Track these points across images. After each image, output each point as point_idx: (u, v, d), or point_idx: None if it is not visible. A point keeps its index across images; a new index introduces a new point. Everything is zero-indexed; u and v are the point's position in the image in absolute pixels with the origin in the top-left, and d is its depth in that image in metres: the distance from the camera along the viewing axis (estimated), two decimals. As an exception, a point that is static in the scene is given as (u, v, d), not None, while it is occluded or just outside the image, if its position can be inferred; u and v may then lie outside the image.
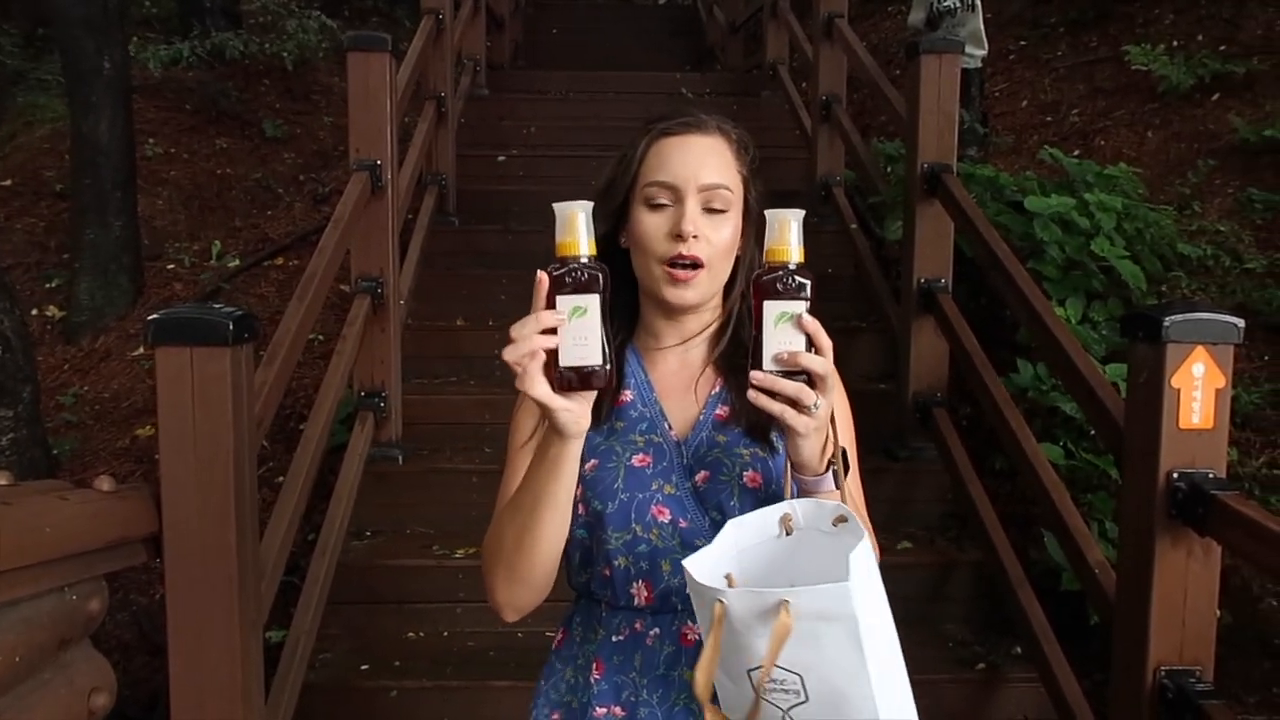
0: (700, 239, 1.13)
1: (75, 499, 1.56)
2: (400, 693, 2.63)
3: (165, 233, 5.49)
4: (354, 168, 3.25)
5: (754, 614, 0.93)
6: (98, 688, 1.55)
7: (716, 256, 1.15)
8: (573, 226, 1.00)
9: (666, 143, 1.17)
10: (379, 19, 8.41)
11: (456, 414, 3.58)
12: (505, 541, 1.11)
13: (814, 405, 1.02)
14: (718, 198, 1.15)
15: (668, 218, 1.15)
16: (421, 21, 4.44)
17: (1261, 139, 4.31)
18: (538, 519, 1.08)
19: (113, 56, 4.90)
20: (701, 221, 1.14)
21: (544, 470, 1.05)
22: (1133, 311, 1.92)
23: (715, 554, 1.03)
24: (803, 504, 1.05)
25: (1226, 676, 2.48)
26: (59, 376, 4.60)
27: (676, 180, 1.14)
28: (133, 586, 3.32)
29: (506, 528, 1.11)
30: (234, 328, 1.73)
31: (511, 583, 1.12)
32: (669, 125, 1.18)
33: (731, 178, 1.16)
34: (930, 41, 3.34)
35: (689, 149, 1.16)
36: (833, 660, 0.92)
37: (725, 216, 1.16)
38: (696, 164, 1.15)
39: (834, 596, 0.90)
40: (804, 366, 1.01)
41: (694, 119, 1.18)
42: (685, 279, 1.14)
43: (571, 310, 0.98)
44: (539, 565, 1.11)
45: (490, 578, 1.14)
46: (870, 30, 7.07)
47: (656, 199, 1.16)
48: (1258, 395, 3.28)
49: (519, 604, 1.14)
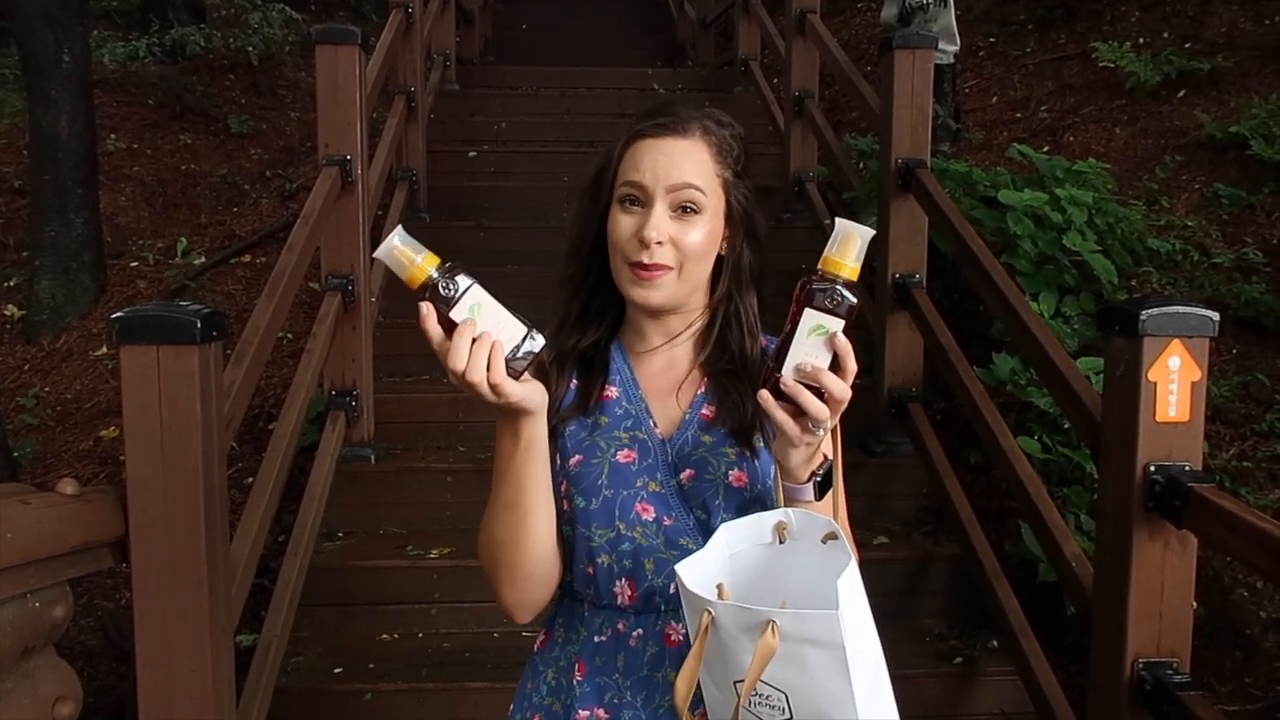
0: (665, 244, 1.12)
1: (38, 503, 1.51)
2: (375, 695, 2.60)
3: (128, 230, 5.39)
4: (323, 163, 3.20)
5: (741, 628, 0.92)
6: (63, 697, 1.50)
7: (687, 259, 1.14)
8: (405, 256, 1.01)
9: (642, 144, 1.15)
10: (345, 13, 8.31)
11: (429, 413, 3.53)
12: (501, 541, 1.12)
13: (820, 428, 1.00)
14: (687, 198, 1.13)
15: (636, 220, 1.14)
16: (390, 15, 4.39)
17: (1227, 135, 4.37)
18: (526, 507, 1.09)
19: (73, 50, 4.79)
20: (669, 225, 1.13)
21: (520, 455, 1.07)
22: (1109, 306, 1.94)
23: (707, 560, 1.01)
24: (797, 514, 1.04)
25: (1199, 666, 2.51)
26: (19, 377, 4.50)
27: (646, 180, 1.13)
28: (98, 591, 3.25)
29: (498, 528, 1.11)
30: (202, 326, 1.69)
31: (517, 580, 1.13)
32: (645, 126, 1.16)
33: (705, 179, 1.14)
34: (904, 37, 3.34)
35: (661, 151, 1.14)
36: (818, 683, 0.91)
37: (697, 219, 1.14)
38: (667, 165, 1.13)
39: (822, 624, 0.90)
40: (824, 385, 0.99)
41: (673, 120, 1.16)
42: (649, 279, 1.13)
43: (469, 310, 0.99)
44: (539, 556, 1.12)
45: (495, 583, 1.14)
46: (841, 26, 7.09)
47: (628, 198, 1.15)
48: (1227, 388, 3.32)
49: (529, 602, 1.15)
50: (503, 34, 7.92)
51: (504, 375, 0.98)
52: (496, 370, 0.98)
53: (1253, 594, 2.80)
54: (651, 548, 1.13)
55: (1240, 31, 5.19)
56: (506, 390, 0.99)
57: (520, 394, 1.00)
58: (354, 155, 3.24)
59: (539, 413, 1.05)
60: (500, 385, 0.98)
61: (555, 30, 8.52)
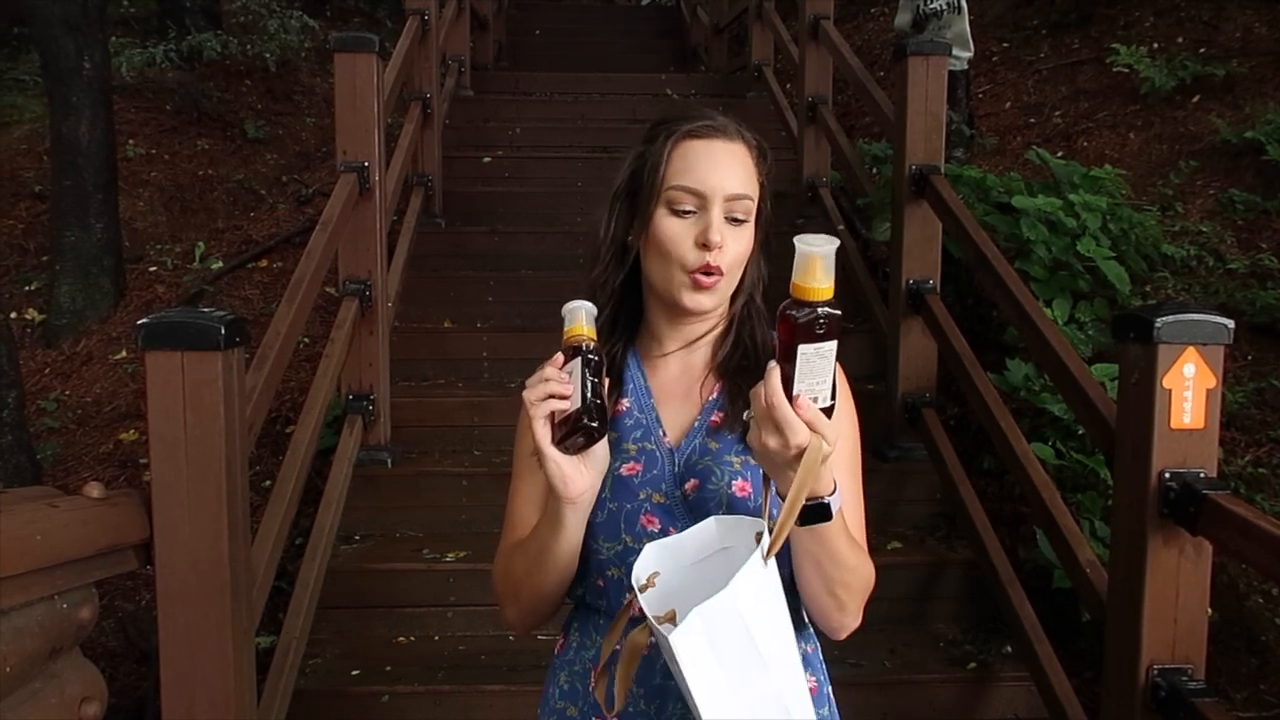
0: (723, 249, 1.13)
1: (65, 506, 1.54)
2: (392, 698, 2.61)
3: (147, 234, 5.44)
4: (341, 169, 3.23)
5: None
6: (88, 697, 1.53)
7: (734, 265, 1.15)
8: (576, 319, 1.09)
9: (691, 145, 1.13)
10: (361, 19, 8.37)
11: (445, 417, 3.56)
12: (515, 579, 1.17)
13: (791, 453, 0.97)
14: (741, 208, 1.13)
15: (693, 225, 1.12)
16: (407, 22, 4.42)
17: (1242, 140, 4.36)
18: (545, 567, 1.13)
19: (93, 57, 4.85)
20: (725, 231, 1.13)
21: (545, 525, 1.12)
22: (1124, 312, 1.93)
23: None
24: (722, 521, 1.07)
25: (1214, 673, 2.51)
26: (40, 380, 4.54)
27: (704, 187, 1.12)
28: (118, 593, 3.28)
29: (515, 564, 1.17)
30: (225, 332, 1.72)
31: (522, 611, 1.19)
32: (694, 127, 1.14)
33: (754, 188, 1.15)
34: (918, 44, 3.35)
35: (715, 155, 1.13)
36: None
37: (745, 226, 1.14)
38: (725, 171, 1.12)
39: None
40: (815, 426, 0.95)
41: (716, 122, 1.15)
42: (710, 285, 1.13)
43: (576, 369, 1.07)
44: (548, 599, 1.17)
45: (503, 604, 1.20)
46: (854, 31, 7.09)
47: (681, 204, 1.13)
48: (1242, 395, 3.31)
49: (531, 624, 1.21)
50: (516, 39, 7.96)
51: (544, 413, 1.04)
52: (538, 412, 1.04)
53: (1268, 600, 2.79)
54: None
55: (1255, 36, 5.17)
56: (544, 451, 1.05)
57: (556, 471, 1.05)
58: (371, 162, 3.27)
59: (565, 503, 1.08)
60: (543, 441, 1.04)
61: (568, 35, 8.56)
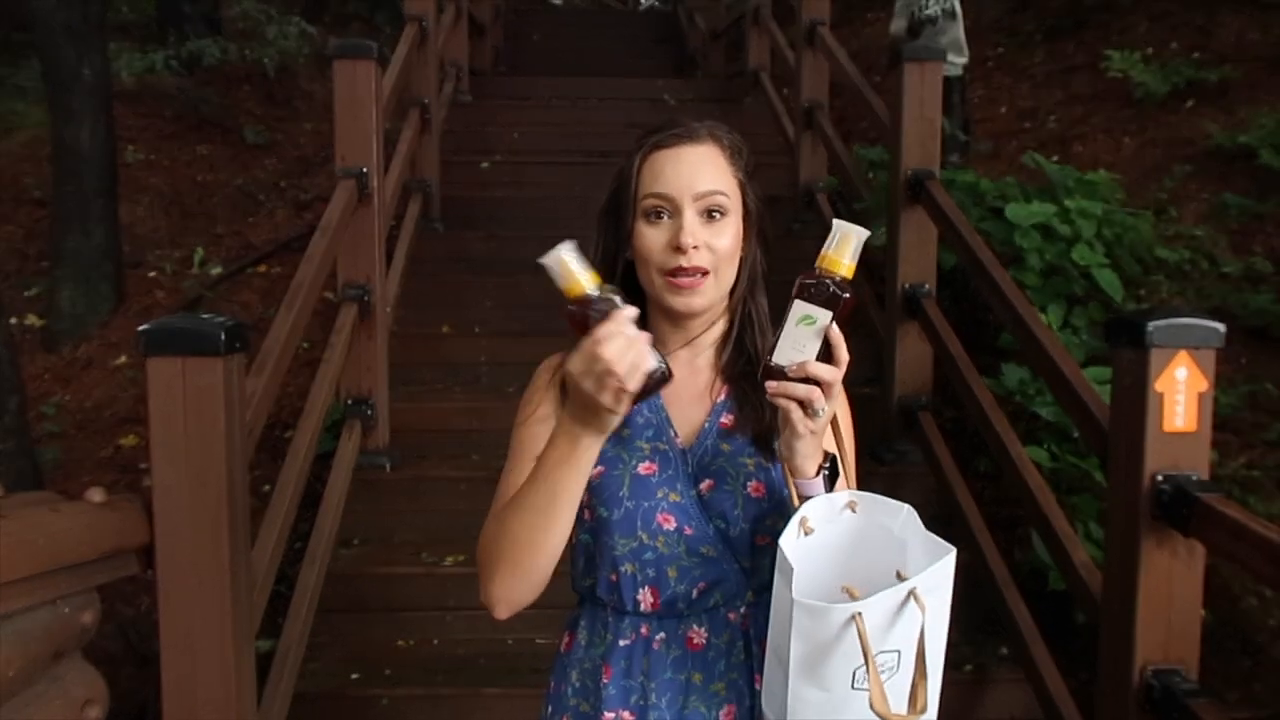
0: (701, 248, 1.15)
1: (67, 510, 1.55)
2: (391, 701, 2.63)
3: (146, 240, 5.45)
4: (340, 175, 3.25)
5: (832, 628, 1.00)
6: (91, 700, 1.54)
7: (721, 262, 1.17)
8: (567, 271, 1.00)
9: (659, 155, 1.18)
10: (359, 25, 8.39)
11: (443, 421, 3.57)
12: (513, 538, 1.10)
13: (819, 410, 1.05)
14: (714, 203, 1.16)
15: (666, 229, 1.16)
16: (406, 28, 4.44)
17: (1235, 145, 4.38)
18: (552, 516, 1.08)
19: (93, 63, 4.87)
20: (701, 230, 1.15)
21: (566, 469, 1.05)
22: (1117, 317, 1.95)
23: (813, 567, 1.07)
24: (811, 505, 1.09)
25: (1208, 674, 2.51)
26: (40, 385, 4.56)
27: (671, 191, 1.16)
28: (119, 597, 3.29)
29: (514, 525, 1.10)
30: (226, 338, 1.73)
31: (514, 579, 1.11)
32: (661, 138, 1.19)
33: (726, 183, 1.18)
34: (913, 49, 3.37)
35: (681, 159, 1.17)
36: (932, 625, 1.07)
37: (725, 221, 1.17)
38: (690, 173, 1.16)
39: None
40: (811, 375, 1.05)
41: (684, 129, 1.19)
42: (689, 285, 1.15)
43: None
44: (545, 561, 1.11)
45: (489, 574, 1.12)
46: (850, 37, 7.12)
47: (654, 211, 1.17)
48: (1235, 397, 3.33)
49: (515, 599, 1.12)
50: (515, 45, 7.99)
51: (639, 383, 0.97)
52: (634, 378, 0.97)
53: (1261, 602, 2.80)
54: (673, 556, 1.16)
55: (1248, 42, 5.20)
56: (626, 401, 0.98)
57: (625, 411, 1.00)
58: (370, 167, 3.29)
59: (603, 437, 1.04)
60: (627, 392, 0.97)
61: (566, 41, 8.58)
